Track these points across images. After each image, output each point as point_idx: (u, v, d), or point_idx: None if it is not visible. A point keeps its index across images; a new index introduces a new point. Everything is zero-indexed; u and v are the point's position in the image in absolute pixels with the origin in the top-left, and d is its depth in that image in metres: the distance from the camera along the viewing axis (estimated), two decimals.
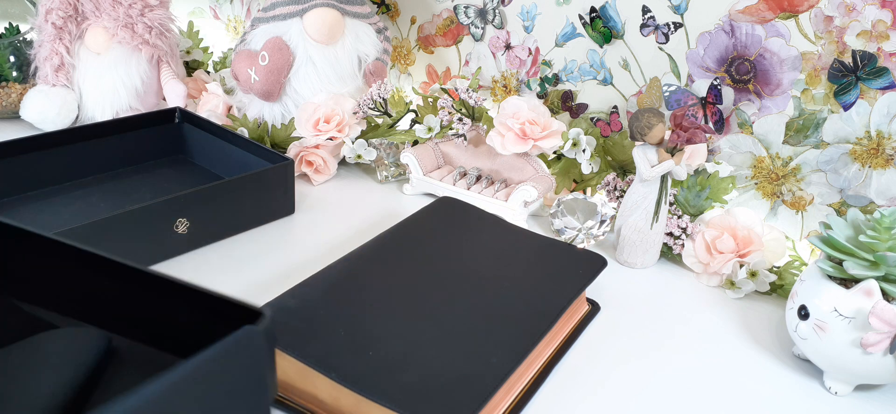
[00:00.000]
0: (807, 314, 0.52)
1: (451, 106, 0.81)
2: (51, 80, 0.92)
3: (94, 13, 0.91)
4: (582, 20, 0.83)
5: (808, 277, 0.54)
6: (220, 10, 1.25)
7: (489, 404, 0.45)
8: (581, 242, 0.71)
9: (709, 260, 0.66)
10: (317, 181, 0.83)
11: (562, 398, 0.51)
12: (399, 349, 0.46)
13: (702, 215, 0.72)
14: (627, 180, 0.75)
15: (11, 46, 0.98)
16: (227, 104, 0.92)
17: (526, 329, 0.50)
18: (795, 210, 0.73)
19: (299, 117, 0.83)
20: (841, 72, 0.66)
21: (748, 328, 0.61)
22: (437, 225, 0.63)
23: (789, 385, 0.54)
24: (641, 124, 0.64)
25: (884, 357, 0.49)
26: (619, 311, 0.62)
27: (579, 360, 0.55)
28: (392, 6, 1.01)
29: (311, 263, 0.65)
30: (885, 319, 0.48)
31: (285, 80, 0.85)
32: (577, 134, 0.80)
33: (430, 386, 0.43)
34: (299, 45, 0.84)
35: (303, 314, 0.49)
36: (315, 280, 0.53)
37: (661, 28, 0.77)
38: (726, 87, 0.74)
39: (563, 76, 0.87)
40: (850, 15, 0.64)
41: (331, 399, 0.46)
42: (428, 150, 0.83)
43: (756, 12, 0.69)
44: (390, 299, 0.51)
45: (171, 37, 0.96)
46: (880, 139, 0.66)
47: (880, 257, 0.49)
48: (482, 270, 0.56)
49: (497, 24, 0.91)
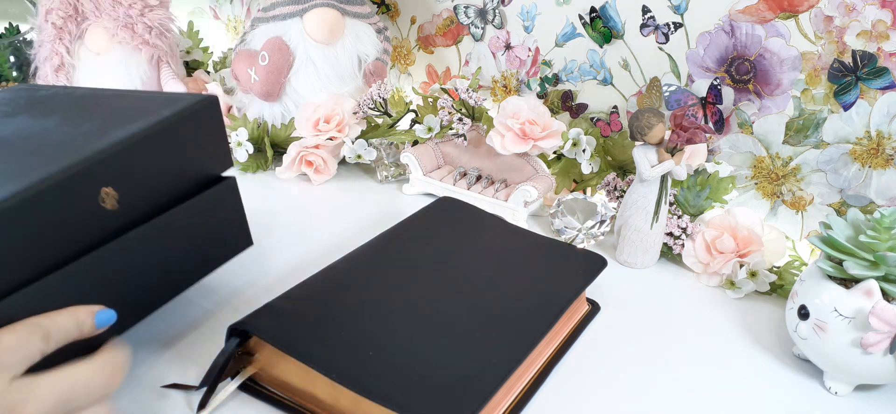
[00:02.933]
0: (807, 314, 0.52)
1: (451, 106, 0.81)
2: (51, 81, 0.92)
3: (95, 13, 0.91)
4: (582, 20, 0.83)
5: (808, 276, 0.54)
6: (220, 10, 1.25)
7: (489, 404, 0.45)
8: (581, 242, 0.71)
9: (709, 260, 0.66)
10: (317, 181, 0.83)
11: (562, 398, 0.51)
12: (399, 349, 0.46)
13: (702, 215, 0.72)
14: (627, 180, 0.75)
15: (11, 46, 0.98)
16: (227, 104, 0.92)
17: (526, 329, 0.50)
18: (795, 210, 0.73)
19: (299, 117, 0.83)
20: (841, 72, 0.66)
21: (748, 328, 0.61)
22: (437, 225, 0.63)
23: (789, 385, 0.54)
24: (641, 124, 0.64)
25: (884, 357, 0.49)
26: (619, 311, 0.62)
27: (579, 360, 0.55)
28: (392, 6, 1.01)
29: (311, 262, 0.65)
30: (885, 319, 0.48)
31: (285, 80, 0.85)
32: (577, 134, 0.80)
33: (430, 386, 0.43)
34: (299, 45, 0.84)
35: (302, 314, 0.49)
36: (315, 280, 0.53)
37: (661, 28, 0.77)
38: (726, 87, 0.74)
39: (563, 76, 0.87)
40: (850, 15, 0.64)
41: (331, 399, 0.46)
42: (428, 150, 0.83)
43: (756, 12, 0.69)
44: (390, 299, 0.51)
45: (171, 37, 0.96)
46: (880, 139, 0.66)
47: (880, 257, 0.49)
48: (482, 269, 0.56)
49: (497, 24, 0.91)
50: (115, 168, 0.45)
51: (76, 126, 0.49)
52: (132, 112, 0.51)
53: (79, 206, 0.43)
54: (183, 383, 0.48)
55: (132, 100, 0.54)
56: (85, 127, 0.49)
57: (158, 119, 0.49)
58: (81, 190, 0.42)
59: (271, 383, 0.49)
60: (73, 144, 0.46)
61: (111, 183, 0.44)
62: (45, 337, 0.38)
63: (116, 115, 0.51)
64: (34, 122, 0.52)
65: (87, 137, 0.47)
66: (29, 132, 0.50)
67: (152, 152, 0.48)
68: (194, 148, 0.53)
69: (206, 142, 0.54)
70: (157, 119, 0.49)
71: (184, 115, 0.51)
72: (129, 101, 0.54)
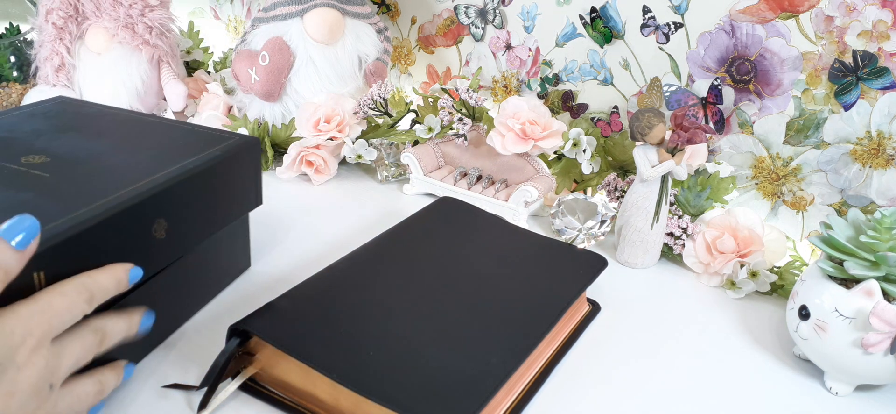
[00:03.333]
0: (807, 314, 0.52)
1: (452, 106, 0.81)
2: (51, 81, 0.92)
3: (95, 13, 0.91)
4: (582, 20, 0.83)
5: (808, 277, 0.54)
6: (220, 10, 1.25)
7: (489, 405, 0.45)
8: (581, 242, 0.71)
9: (709, 260, 0.66)
10: (317, 181, 0.83)
11: (562, 398, 0.51)
12: (399, 349, 0.46)
13: (702, 215, 0.72)
14: (628, 180, 0.75)
15: (12, 46, 0.98)
16: (227, 104, 0.92)
17: (526, 329, 0.50)
18: (796, 210, 0.73)
19: (300, 117, 0.83)
20: (841, 72, 0.66)
21: (748, 328, 0.61)
22: (438, 225, 0.63)
23: (789, 385, 0.54)
24: (642, 124, 0.64)
25: (884, 357, 0.49)
26: (619, 311, 0.62)
27: (580, 360, 0.55)
28: (392, 6, 1.01)
29: (311, 262, 0.65)
30: (886, 320, 0.48)
31: (286, 80, 0.85)
32: (577, 134, 0.80)
33: (430, 386, 0.43)
34: (300, 45, 0.84)
35: (302, 314, 0.49)
36: (315, 280, 0.53)
37: (661, 28, 0.76)
38: (727, 87, 0.73)
39: (563, 76, 0.87)
40: (851, 15, 0.64)
41: (331, 399, 0.46)
42: (428, 150, 0.83)
43: (756, 12, 0.69)
44: (390, 299, 0.51)
45: (171, 37, 0.96)
46: (881, 139, 0.66)
47: (881, 257, 0.49)
48: (482, 270, 0.56)
49: (497, 24, 0.91)
50: (169, 201, 0.49)
51: (131, 154, 0.53)
52: (182, 147, 0.55)
53: (136, 233, 0.46)
54: (183, 384, 0.48)
55: (180, 133, 0.58)
56: (140, 156, 0.52)
57: (210, 157, 0.53)
58: (140, 219, 0.46)
59: (271, 383, 0.49)
60: (131, 172, 0.49)
61: (164, 215, 0.48)
62: (89, 299, 0.39)
63: (168, 146, 0.55)
64: (87, 140, 0.55)
65: (144, 168, 0.50)
66: (84, 152, 0.53)
67: (201, 188, 0.52)
68: (235, 185, 0.57)
69: (246, 180, 0.58)
70: (209, 157, 0.53)
71: (231, 154, 0.55)
72: (178, 132, 0.58)
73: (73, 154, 0.52)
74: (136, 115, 0.64)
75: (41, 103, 0.63)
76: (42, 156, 0.51)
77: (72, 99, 0.66)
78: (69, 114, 0.61)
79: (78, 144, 0.54)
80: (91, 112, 0.62)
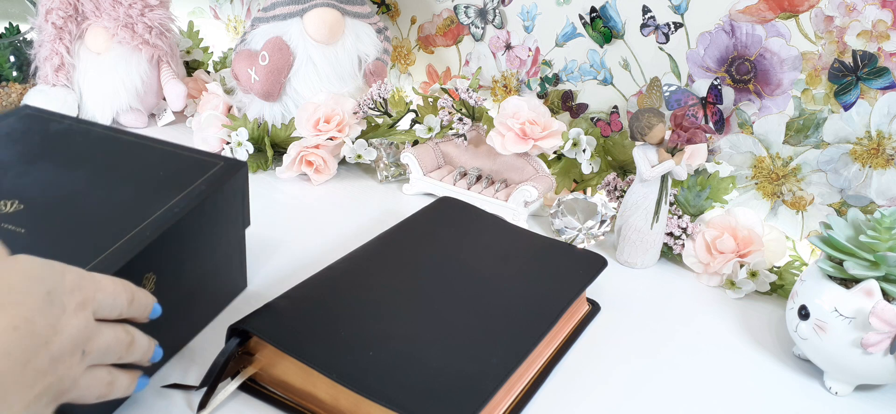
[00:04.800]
0: (807, 314, 0.52)
1: (452, 106, 0.81)
2: (51, 80, 0.92)
3: (95, 13, 0.91)
4: (582, 20, 0.83)
5: (808, 277, 0.54)
6: (220, 10, 1.25)
7: (489, 405, 0.45)
8: (581, 242, 0.71)
9: (709, 260, 0.66)
10: (317, 181, 0.83)
11: (562, 398, 0.51)
12: (399, 349, 0.46)
13: (702, 215, 0.72)
14: (627, 180, 0.75)
15: (11, 46, 0.98)
16: (227, 104, 0.92)
17: (526, 329, 0.50)
18: (796, 210, 0.73)
19: (299, 117, 0.83)
20: (841, 72, 0.66)
21: (748, 328, 0.61)
22: (437, 225, 0.63)
23: (789, 385, 0.54)
24: (642, 124, 0.64)
25: (884, 357, 0.49)
26: (619, 311, 0.62)
27: (579, 360, 0.55)
28: (392, 6, 1.01)
29: (311, 263, 0.65)
30: (886, 319, 0.48)
31: (285, 80, 0.85)
32: (577, 134, 0.80)
33: (430, 386, 0.43)
34: (299, 44, 0.84)
35: (302, 314, 0.49)
36: (315, 280, 0.53)
37: (661, 28, 0.76)
38: (726, 87, 0.74)
39: (563, 76, 0.87)
40: (851, 15, 0.64)
41: (330, 399, 0.46)
42: (428, 150, 0.83)
43: (756, 12, 0.69)
44: (390, 299, 0.51)
45: (171, 37, 0.96)
46: (881, 139, 0.66)
47: (881, 257, 0.49)
48: (482, 269, 0.56)
49: (497, 24, 0.91)
50: (157, 254, 0.47)
51: (109, 190, 0.50)
52: (163, 176, 0.52)
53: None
54: (183, 383, 0.48)
55: (158, 155, 0.55)
56: (120, 194, 0.50)
57: (196, 194, 0.50)
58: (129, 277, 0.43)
59: (271, 383, 0.49)
60: (115, 221, 0.47)
61: (152, 269, 0.46)
62: (130, 301, 0.41)
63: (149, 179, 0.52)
64: (60, 173, 0.52)
65: (125, 210, 0.48)
66: (60, 192, 0.50)
67: (190, 229, 0.50)
68: (222, 218, 0.55)
69: (233, 208, 0.56)
70: (194, 192, 0.50)
71: (216, 185, 0.52)
72: (156, 157, 0.55)
73: (48, 195, 0.49)
74: (109, 132, 0.59)
75: (4, 121, 0.58)
76: (13, 202, 0.48)
77: (36, 113, 0.61)
78: (36, 134, 0.57)
79: (51, 180, 0.51)
80: (60, 129, 0.58)
